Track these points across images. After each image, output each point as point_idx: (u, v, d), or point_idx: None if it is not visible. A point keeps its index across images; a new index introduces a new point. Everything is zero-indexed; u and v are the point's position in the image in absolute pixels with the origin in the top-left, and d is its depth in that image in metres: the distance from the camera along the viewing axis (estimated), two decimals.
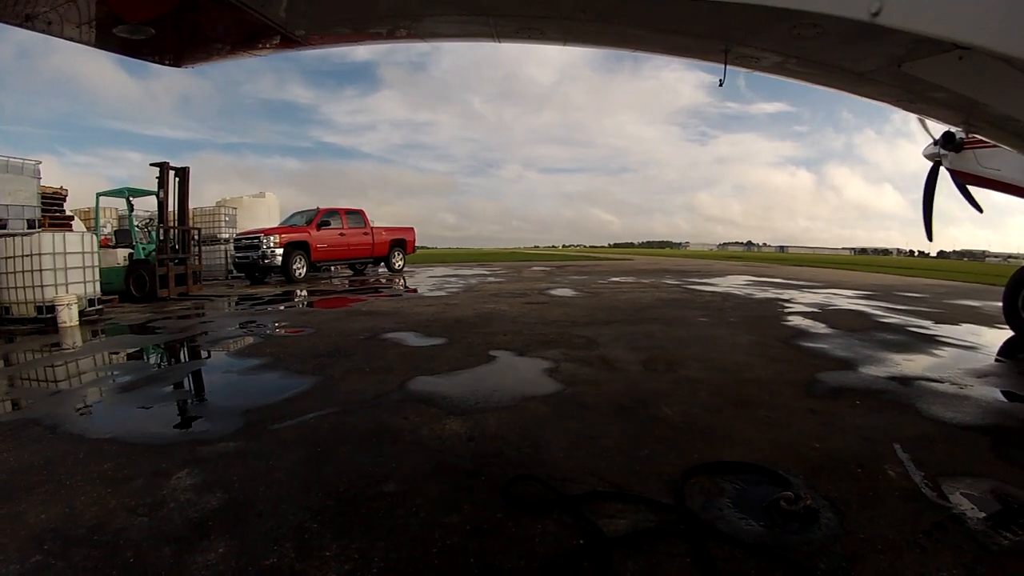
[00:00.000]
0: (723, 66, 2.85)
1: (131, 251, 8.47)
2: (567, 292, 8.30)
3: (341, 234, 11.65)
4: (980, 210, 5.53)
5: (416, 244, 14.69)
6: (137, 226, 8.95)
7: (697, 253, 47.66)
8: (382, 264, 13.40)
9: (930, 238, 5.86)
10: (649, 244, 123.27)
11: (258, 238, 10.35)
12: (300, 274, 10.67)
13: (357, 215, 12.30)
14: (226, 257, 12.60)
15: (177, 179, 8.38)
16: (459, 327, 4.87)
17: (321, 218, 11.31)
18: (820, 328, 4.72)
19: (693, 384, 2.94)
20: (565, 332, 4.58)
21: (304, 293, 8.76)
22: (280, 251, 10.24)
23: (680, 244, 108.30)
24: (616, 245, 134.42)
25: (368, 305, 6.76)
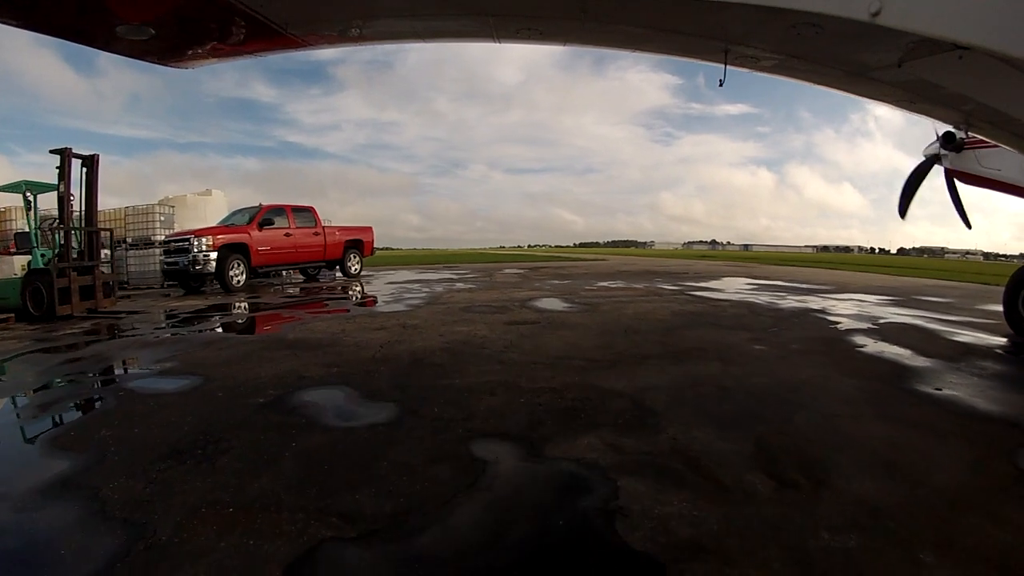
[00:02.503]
0: (723, 66, 2.95)
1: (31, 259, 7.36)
2: (556, 304, 7.19)
3: (287, 234, 10.77)
4: (969, 226, 6.33)
5: (377, 245, 13.92)
6: (40, 228, 7.56)
7: (665, 252, 47.71)
8: (338, 268, 12.73)
9: (902, 216, 6.82)
10: (614, 244, 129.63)
11: (188, 240, 9.37)
12: (239, 282, 9.73)
13: (307, 213, 11.54)
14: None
15: (84, 169, 7.10)
16: (419, 374, 3.54)
17: (263, 216, 10.40)
18: (910, 357, 4.12)
19: (893, 533, 1.72)
20: (588, 383, 3.26)
21: (235, 308, 7.66)
22: (214, 255, 9.30)
23: (645, 243, 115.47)
24: (581, 245, 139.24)
25: (300, 328, 5.49)
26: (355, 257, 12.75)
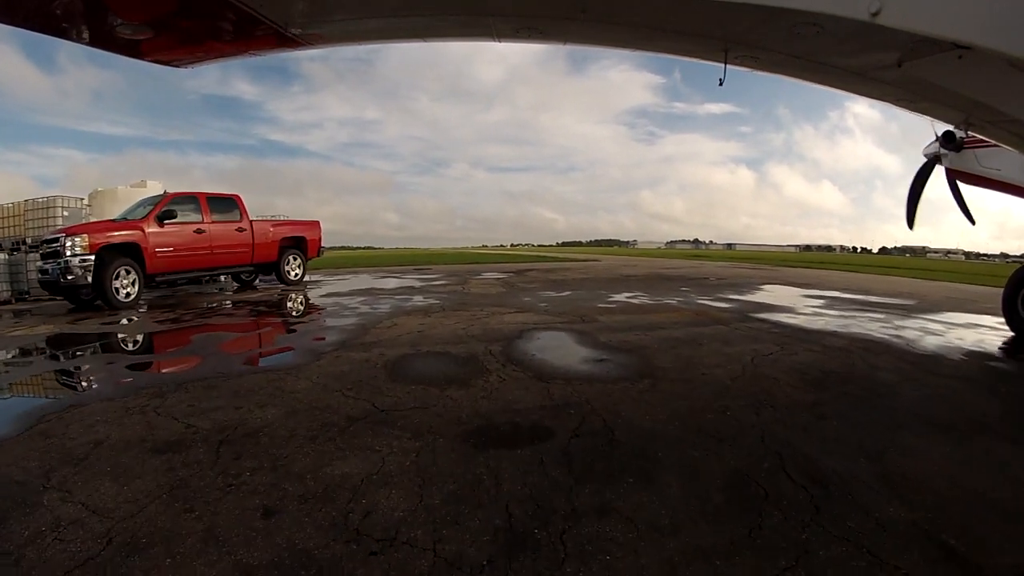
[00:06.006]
0: (723, 65, 3.03)
1: None
2: (568, 348, 4.43)
3: (199, 231, 8.67)
4: (972, 221, 6.34)
5: (358, 244, 12.44)
6: None
7: (653, 252, 47.25)
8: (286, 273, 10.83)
9: (910, 227, 6.72)
10: (597, 243, 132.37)
11: (58, 240, 7.45)
12: (128, 296, 7.57)
13: (228, 203, 9.41)
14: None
15: None
16: None
17: (165, 207, 8.24)
18: None
19: None
20: None
21: (53, 348, 5.06)
22: (91, 259, 7.28)
23: (628, 242, 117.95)
24: (564, 244, 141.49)
25: (51, 425, 2.80)
26: (295, 260, 10.63)
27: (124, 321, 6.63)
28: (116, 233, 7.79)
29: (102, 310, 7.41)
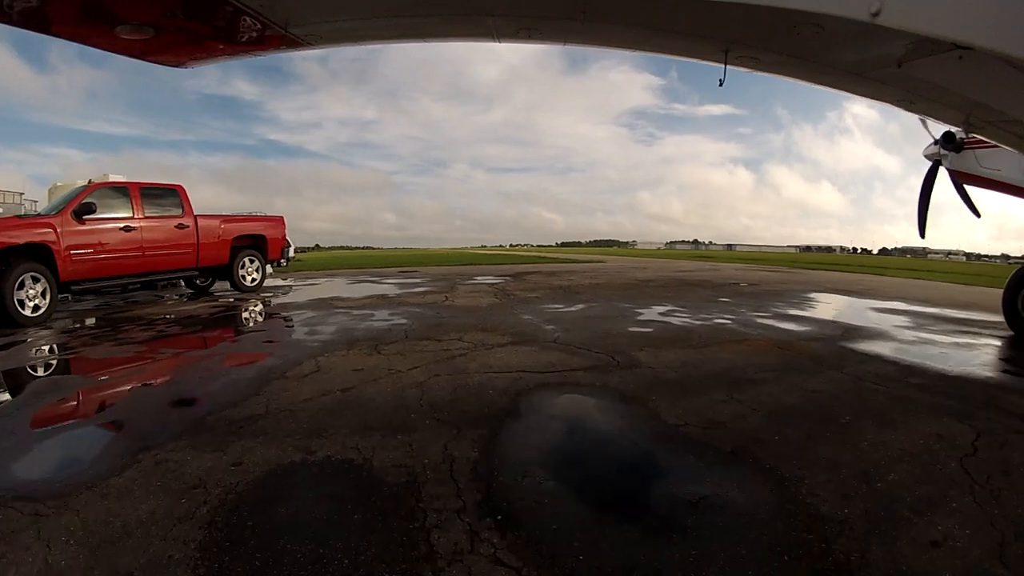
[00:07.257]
0: (723, 66, 3.03)
1: None
2: (615, 441, 2.49)
3: (127, 228, 7.28)
4: (978, 214, 6.28)
5: (356, 244, 10.77)
6: None
7: (653, 253, 46.41)
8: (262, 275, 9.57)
9: (922, 235, 6.52)
10: (597, 243, 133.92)
11: None
12: (37, 310, 6.24)
13: (167, 195, 7.94)
14: None
15: None
16: None
17: (84, 200, 6.82)
18: None
19: None
20: None
21: None
22: None
23: (627, 243, 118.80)
24: (563, 244, 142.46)
25: None
26: (252, 263, 9.12)
27: (13, 346, 5.10)
28: (19, 232, 6.37)
29: (10, 328, 5.92)
